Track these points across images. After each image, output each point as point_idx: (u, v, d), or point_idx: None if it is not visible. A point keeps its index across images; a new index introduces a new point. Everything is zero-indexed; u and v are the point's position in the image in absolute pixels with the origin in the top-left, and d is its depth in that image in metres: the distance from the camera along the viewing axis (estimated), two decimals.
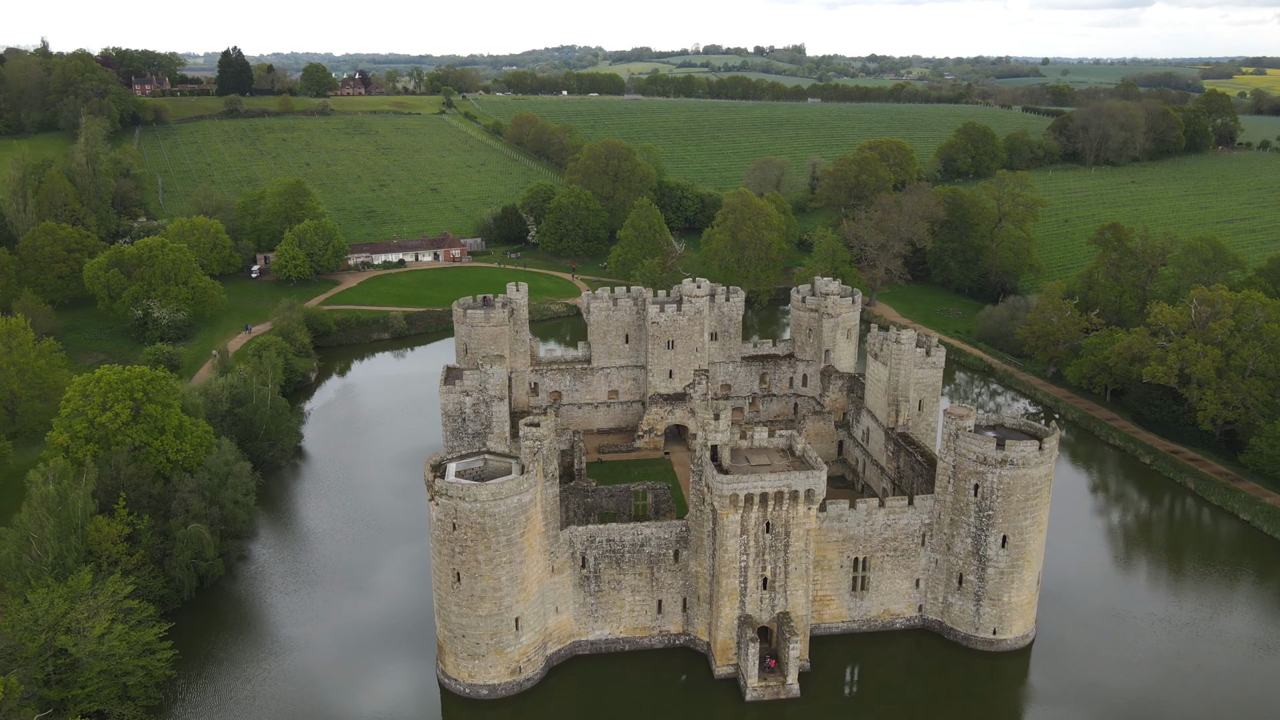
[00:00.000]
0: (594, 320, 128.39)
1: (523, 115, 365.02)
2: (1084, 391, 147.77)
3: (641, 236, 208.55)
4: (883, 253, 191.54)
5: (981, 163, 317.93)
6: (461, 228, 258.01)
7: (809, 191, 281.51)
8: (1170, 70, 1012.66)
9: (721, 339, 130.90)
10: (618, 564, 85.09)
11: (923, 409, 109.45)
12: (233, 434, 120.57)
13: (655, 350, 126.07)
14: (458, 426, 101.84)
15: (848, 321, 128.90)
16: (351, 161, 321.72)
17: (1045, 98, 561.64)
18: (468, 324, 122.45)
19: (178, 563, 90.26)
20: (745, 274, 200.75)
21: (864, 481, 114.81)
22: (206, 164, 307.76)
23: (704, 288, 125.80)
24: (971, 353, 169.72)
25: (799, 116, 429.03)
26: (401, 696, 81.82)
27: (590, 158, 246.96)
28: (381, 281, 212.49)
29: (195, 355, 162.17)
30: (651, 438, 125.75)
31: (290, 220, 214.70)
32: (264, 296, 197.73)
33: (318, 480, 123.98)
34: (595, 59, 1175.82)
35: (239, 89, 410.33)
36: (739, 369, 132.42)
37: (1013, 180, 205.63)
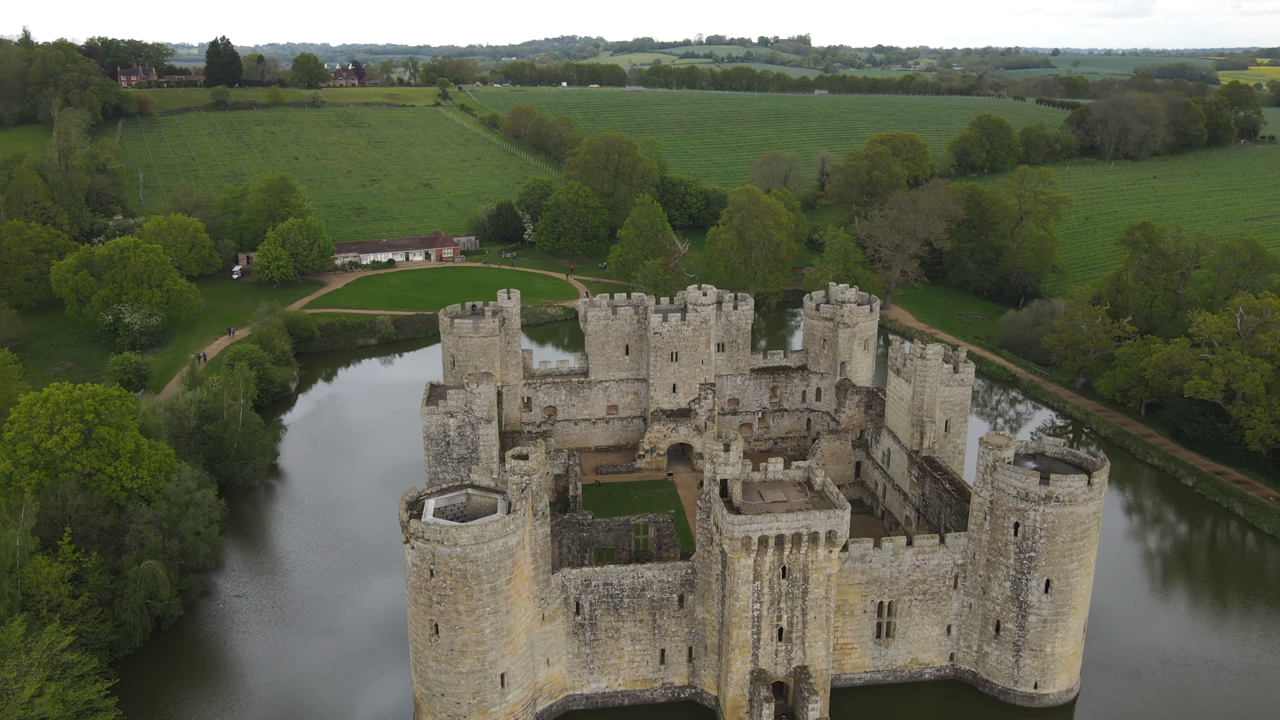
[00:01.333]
0: (592, 330, 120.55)
1: (520, 107, 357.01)
2: (1117, 405, 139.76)
3: (643, 235, 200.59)
4: (898, 254, 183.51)
5: (997, 157, 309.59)
6: (455, 225, 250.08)
7: (818, 188, 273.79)
8: (1184, 61, 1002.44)
9: (729, 350, 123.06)
10: (616, 610, 77.31)
11: (950, 430, 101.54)
12: (200, 454, 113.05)
13: (657, 363, 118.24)
14: (441, 451, 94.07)
15: (865, 332, 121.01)
16: (342, 155, 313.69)
17: (1059, 89, 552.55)
18: (455, 335, 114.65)
19: (129, 605, 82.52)
20: (752, 275, 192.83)
21: (884, 507, 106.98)
22: (191, 158, 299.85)
23: (710, 295, 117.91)
24: (993, 361, 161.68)
25: (806, 109, 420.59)
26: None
27: (589, 152, 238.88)
28: (369, 283, 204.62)
29: (169, 363, 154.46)
30: (653, 458, 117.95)
31: (274, 218, 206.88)
32: (245, 299, 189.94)
33: (293, 503, 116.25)
34: (596, 49, 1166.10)
35: (227, 80, 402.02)
36: (748, 382, 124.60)
37: (1035, 177, 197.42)
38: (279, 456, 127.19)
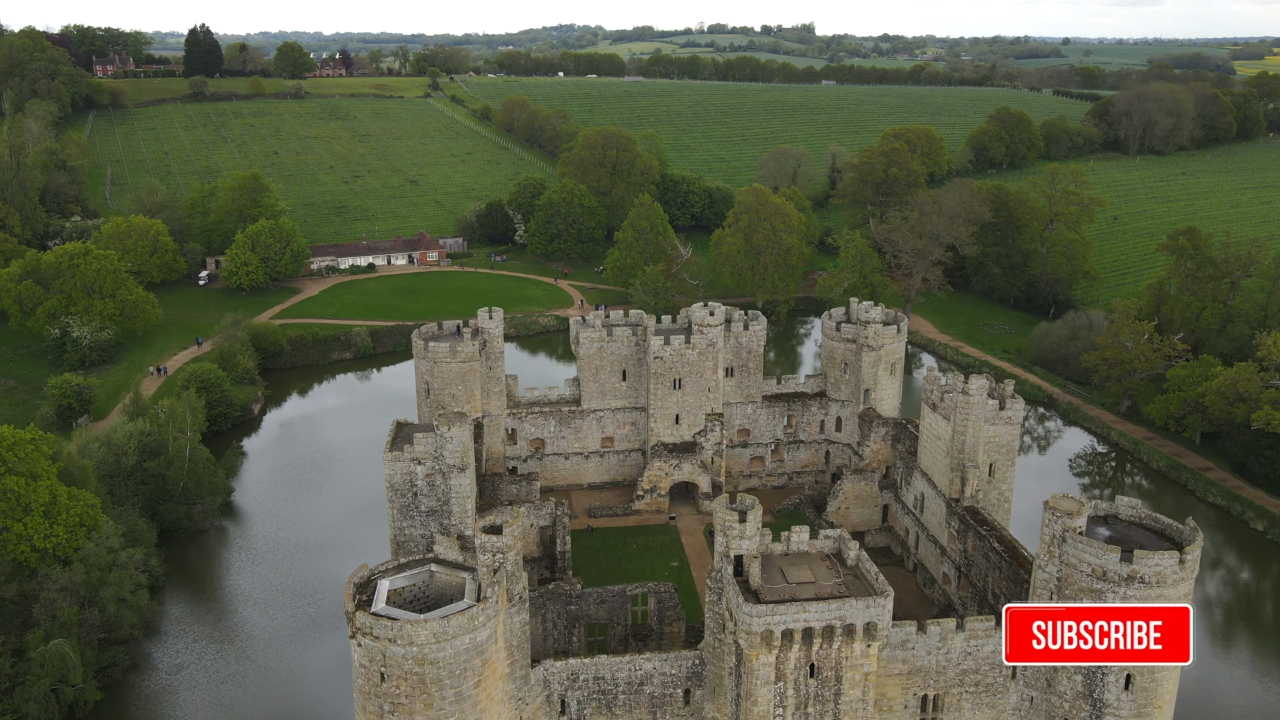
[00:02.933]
0: (584, 353, 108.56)
1: (513, 99, 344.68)
2: (1168, 432, 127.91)
3: (642, 238, 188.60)
4: (919, 260, 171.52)
5: (1017, 152, 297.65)
6: (442, 225, 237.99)
7: (829, 185, 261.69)
8: (1198, 50, 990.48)
9: (739, 375, 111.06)
10: (609, 708, 65.63)
11: (994, 474, 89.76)
12: (140, 496, 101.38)
13: (658, 391, 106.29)
14: (407, 503, 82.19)
15: (891, 355, 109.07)
16: (324, 150, 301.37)
17: (1074, 80, 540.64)
18: (430, 359, 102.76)
19: (33, 694, 70.89)
20: (760, 282, 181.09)
21: (917, 559, 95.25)
22: (164, 153, 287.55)
23: (718, 315, 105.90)
24: (1026, 379, 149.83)
25: (812, 100, 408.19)
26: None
27: (585, 148, 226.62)
28: (347, 290, 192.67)
29: (120, 381, 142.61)
30: (654, 498, 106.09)
31: (245, 219, 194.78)
32: (210, 308, 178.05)
33: (247, 549, 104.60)
34: (595, 38, 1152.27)
35: (207, 70, 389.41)
36: (760, 410, 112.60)
37: (1066, 175, 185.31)
38: (235, 493, 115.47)
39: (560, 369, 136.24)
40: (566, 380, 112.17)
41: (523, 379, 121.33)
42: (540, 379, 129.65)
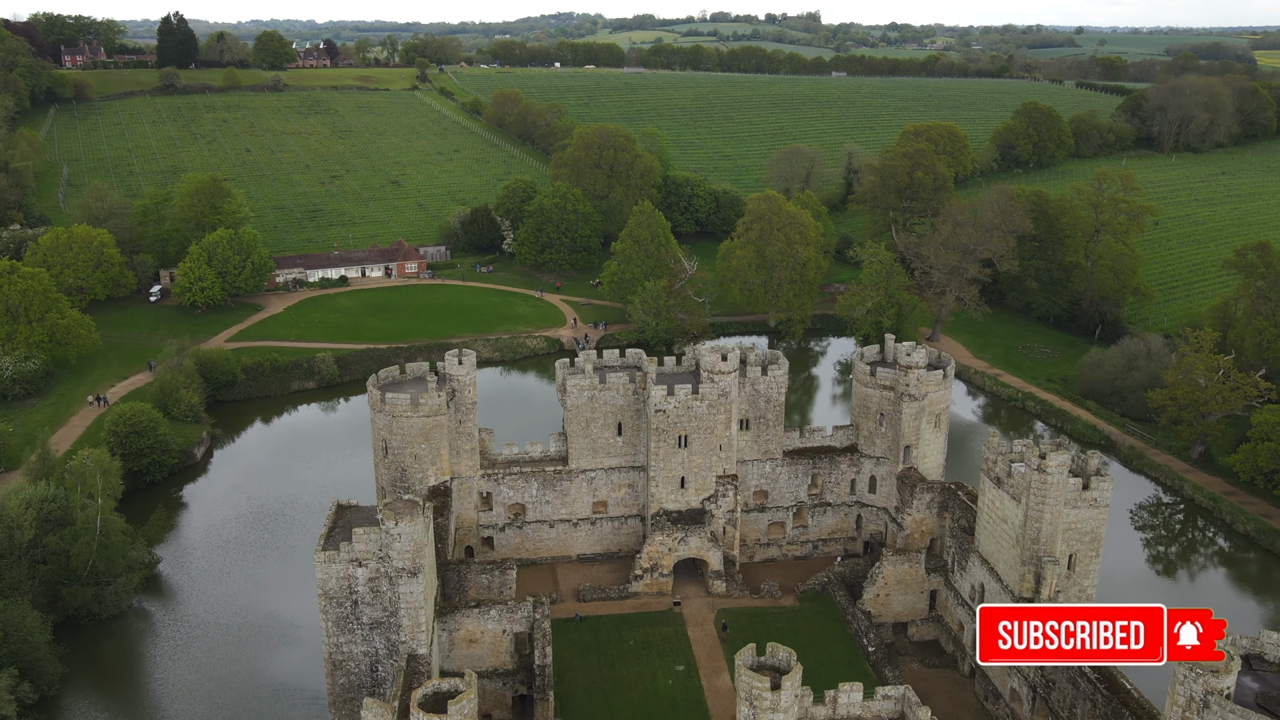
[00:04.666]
0: (573, 404, 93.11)
1: (505, 92, 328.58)
2: (1255, 488, 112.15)
3: (642, 250, 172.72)
4: (954, 277, 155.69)
5: (1045, 150, 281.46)
6: (423, 232, 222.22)
7: (844, 187, 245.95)
8: (1217, 40, 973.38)
9: (756, 427, 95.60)
10: None
11: (1075, 566, 74.44)
12: (38, 578, 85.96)
13: (661, 449, 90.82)
14: (345, 615, 66.64)
15: (937, 405, 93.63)
16: (300, 147, 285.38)
17: (1095, 71, 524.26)
18: (388, 413, 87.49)
19: None
20: (773, 300, 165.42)
21: (974, 663, 79.82)
22: (127, 150, 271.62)
23: (731, 359, 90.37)
24: (1078, 415, 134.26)
25: (823, 93, 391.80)
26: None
27: (580, 148, 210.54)
28: (315, 306, 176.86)
29: (48, 417, 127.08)
30: (655, 578, 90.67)
31: (204, 227, 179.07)
32: (160, 328, 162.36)
33: (166, 639, 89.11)
34: (594, 26, 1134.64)
35: (181, 61, 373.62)
36: (780, 468, 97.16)
37: (1115, 180, 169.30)
38: (161, 563, 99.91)
39: (548, 412, 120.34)
40: (552, 434, 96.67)
41: (505, 424, 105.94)
42: (525, 424, 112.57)
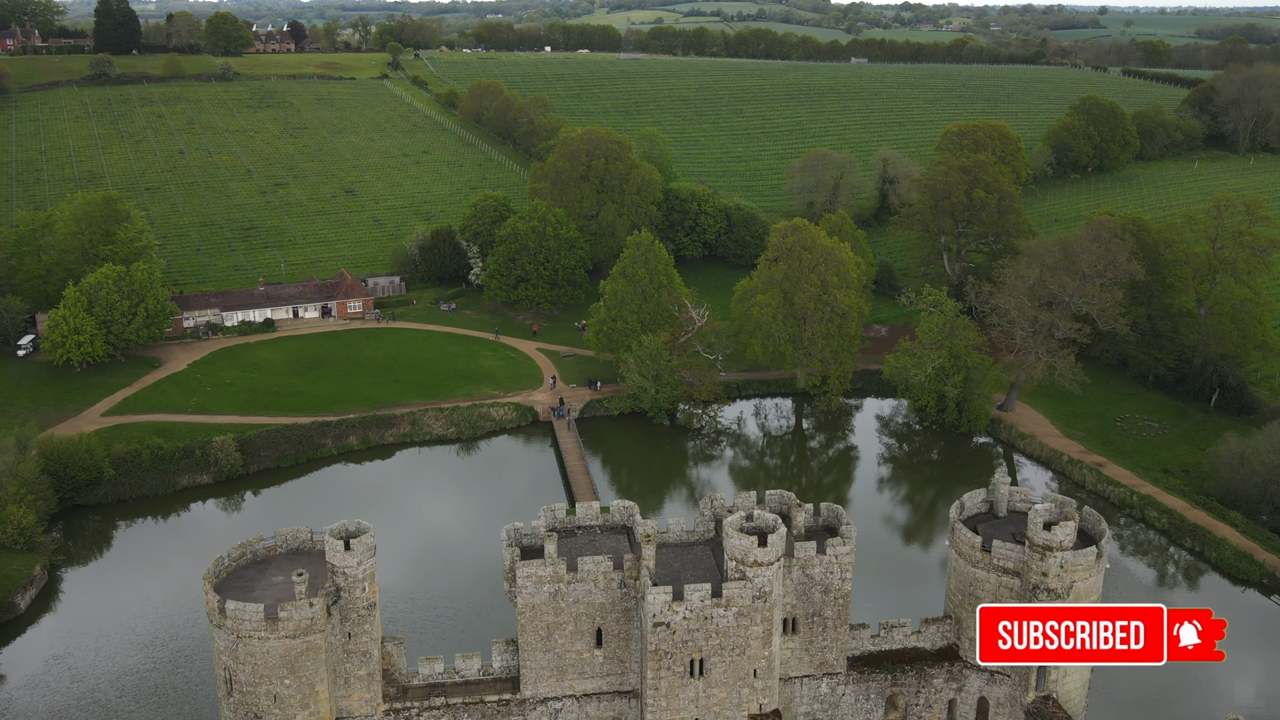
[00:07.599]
0: (527, 603, 61.92)
1: (484, 83, 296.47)
2: None
3: (638, 291, 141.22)
4: (1039, 337, 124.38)
5: (1108, 152, 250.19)
6: (377, 255, 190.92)
7: (878, 199, 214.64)
8: (1252, 21, 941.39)
9: (807, 628, 64.52)
10: None
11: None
12: None
13: (664, 679, 59.75)
14: None
15: (1085, 597, 62.59)
16: (243, 148, 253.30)
17: (1135, 56, 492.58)
18: (232, 631, 56.58)
19: None
20: (804, 357, 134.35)
21: None
22: (38, 153, 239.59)
23: (774, 542, 59.09)
24: (1225, 538, 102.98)
25: (843, 83, 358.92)
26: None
27: (565, 157, 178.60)
28: (229, 360, 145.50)
29: None
30: None
31: (93, 259, 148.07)
32: (25, 392, 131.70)
33: None
34: (590, 6, 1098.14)
35: (121, 46, 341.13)
36: (843, 688, 66.14)
37: (1239, 208, 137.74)
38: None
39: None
40: (496, 642, 65.41)
41: (444, 575, 72.18)
42: (476, 567, 79.15)
